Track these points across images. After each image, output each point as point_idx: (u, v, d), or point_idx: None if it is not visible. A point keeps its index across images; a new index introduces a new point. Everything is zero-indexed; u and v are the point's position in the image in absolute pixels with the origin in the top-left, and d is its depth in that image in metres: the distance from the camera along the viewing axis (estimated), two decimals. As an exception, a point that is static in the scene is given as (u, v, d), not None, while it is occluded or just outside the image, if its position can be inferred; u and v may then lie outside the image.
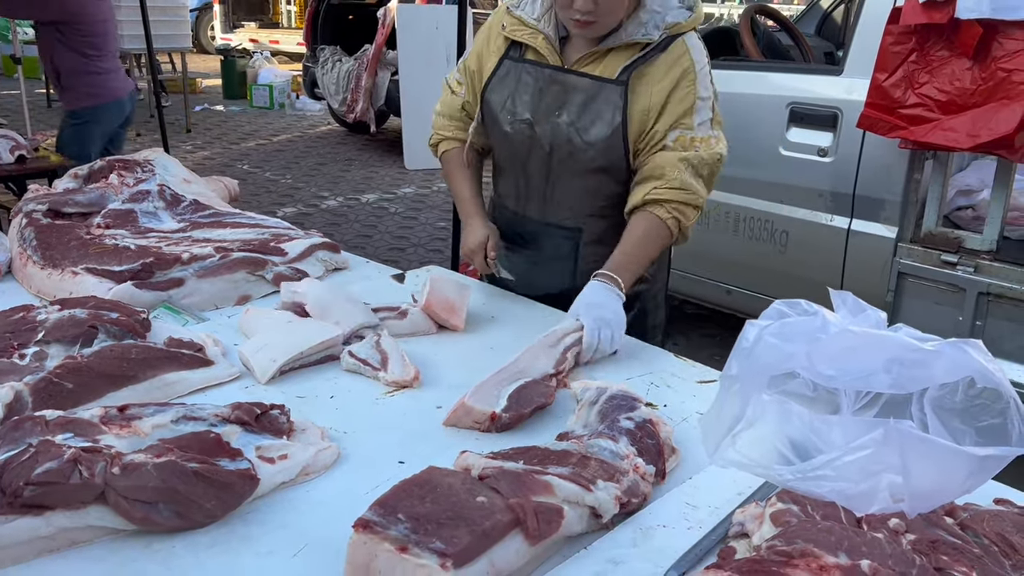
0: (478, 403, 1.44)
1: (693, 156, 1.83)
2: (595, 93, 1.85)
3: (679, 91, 1.82)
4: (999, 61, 2.56)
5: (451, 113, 2.11)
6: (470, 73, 2.05)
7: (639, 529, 1.16)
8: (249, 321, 1.74)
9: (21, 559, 1.07)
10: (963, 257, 2.91)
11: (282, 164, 8.47)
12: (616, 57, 1.85)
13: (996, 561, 0.99)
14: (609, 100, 1.84)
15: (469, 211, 2.07)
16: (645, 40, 1.82)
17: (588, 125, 1.87)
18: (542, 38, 1.90)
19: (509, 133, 1.96)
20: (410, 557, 0.99)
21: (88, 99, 4.48)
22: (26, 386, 1.31)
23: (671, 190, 1.82)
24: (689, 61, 1.83)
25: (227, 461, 1.19)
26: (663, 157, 1.83)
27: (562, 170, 1.94)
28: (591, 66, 1.87)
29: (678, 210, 1.83)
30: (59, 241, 2.05)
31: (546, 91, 1.90)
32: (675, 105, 1.83)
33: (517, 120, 1.94)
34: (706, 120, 1.85)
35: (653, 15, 1.83)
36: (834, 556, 0.95)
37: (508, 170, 2.06)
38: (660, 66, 1.83)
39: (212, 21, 16.28)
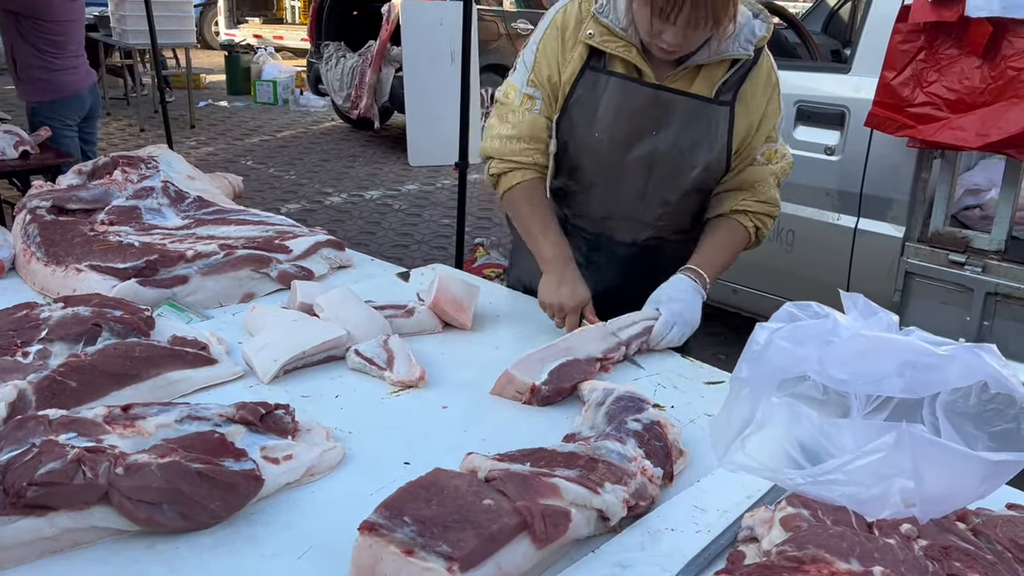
0: (521, 373, 1.52)
1: (778, 169, 1.87)
2: (696, 112, 1.78)
3: (771, 106, 1.83)
4: (1009, 60, 2.54)
5: (532, 134, 1.85)
6: (548, 82, 1.84)
7: (647, 532, 1.15)
8: (254, 319, 1.73)
9: (24, 560, 1.06)
10: (971, 257, 2.89)
11: (286, 160, 8.46)
12: (709, 73, 1.77)
13: (1009, 567, 0.98)
14: (713, 120, 1.79)
15: (560, 256, 1.84)
16: (741, 56, 1.75)
17: (691, 145, 1.80)
18: (636, 52, 1.75)
19: (599, 152, 1.83)
20: (416, 560, 0.98)
21: (43, 94, 4.50)
22: (29, 384, 1.30)
23: (760, 203, 1.86)
24: (775, 76, 1.84)
25: (231, 462, 1.18)
26: (755, 172, 1.85)
27: (658, 189, 1.86)
28: (682, 82, 1.77)
29: (760, 220, 1.87)
30: (63, 238, 2.04)
31: (645, 109, 1.77)
32: (768, 121, 1.84)
33: (609, 138, 1.81)
34: (779, 129, 1.89)
35: (741, 28, 1.74)
36: (846, 562, 0.94)
37: (591, 189, 1.91)
38: (757, 84, 1.81)
39: (216, 16, 16.25)
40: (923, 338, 1.13)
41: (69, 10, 4.50)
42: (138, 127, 9.35)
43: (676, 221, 1.93)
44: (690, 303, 1.75)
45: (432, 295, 1.80)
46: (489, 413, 1.49)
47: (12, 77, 4.64)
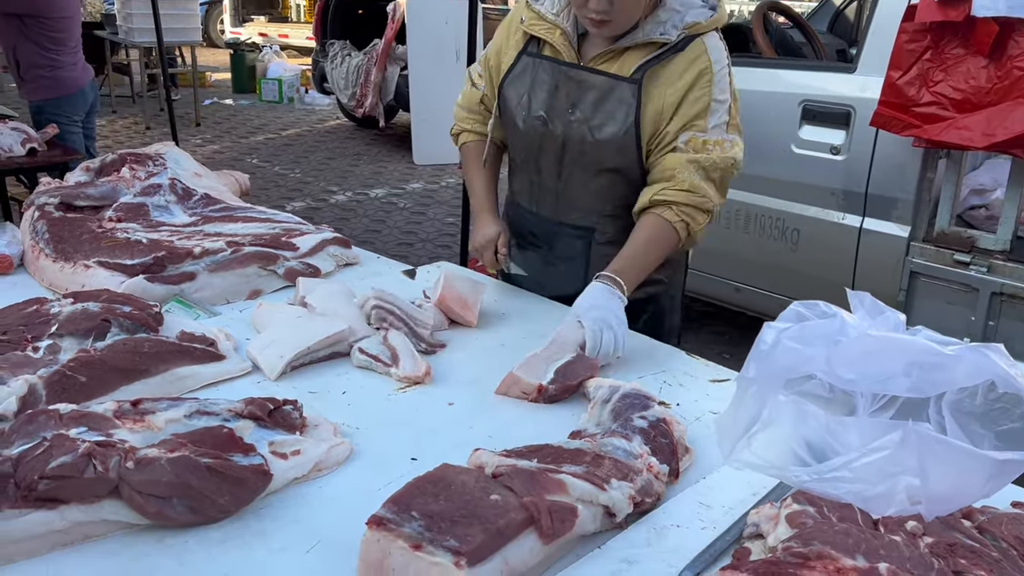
0: (526, 375, 1.54)
1: (704, 159, 1.79)
2: (609, 91, 1.82)
3: (694, 92, 1.78)
4: (1015, 59, 2.54)
5: (470, 106, 2.11)
6: (489, 67, 2.04)
7: (653, 529, 1.16)
8: (261, 316, 1.74)
9: (35, 553, 1.07)
10: (976, 257, 2.89)
11: (291, 158, 8.47)
12: (633, 55, 1.81)
13: (1015, 565, 0.99)
14: (622, 99, 1.81)
15: (480, 206, 2.07)
16: (663, 40, 1.78)
17: (601, 123, 1.83)
18: (559, 33, 1.86)
19: (523, 129, 1.94)
20: (424, 555, 0.99)
21: (47, 92, 4.55)
22: (40, 379, 1.32)
23: (680, 192, 1.79)
24: (707, 62, 1.79)
25: (240, 456, 1.18)
26: (673, 159, 1.79)
27: (575, 168, 1.92)
28: (607, 64, 1.83)
29: (686, 213, 1.80)
30: (71, 234, 2.05)
31: (561, 88, 1.87)
32: (688, 107, 1.78)
33: (531, 116, 1.92)
34: (721, 123, 1.81)
35: (673, 14, 1.79)
36: (851, 558, 0.94)
37: (522, 167, 2.04)
38: (676, 67, 1.79)
39: (221, 15, 16.28)
40: (930, 338, 1.14)
41: (67, 6, 4.56)
42: (144, 125, 9.37)
43: (600, 204, 1.94)
44: (608, 307, 1.68)
45: (438, 292, 1.81)
46: (495, 410, 1.49)
47: (15, 78, 4.68)
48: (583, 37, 1.87)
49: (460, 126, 2.14)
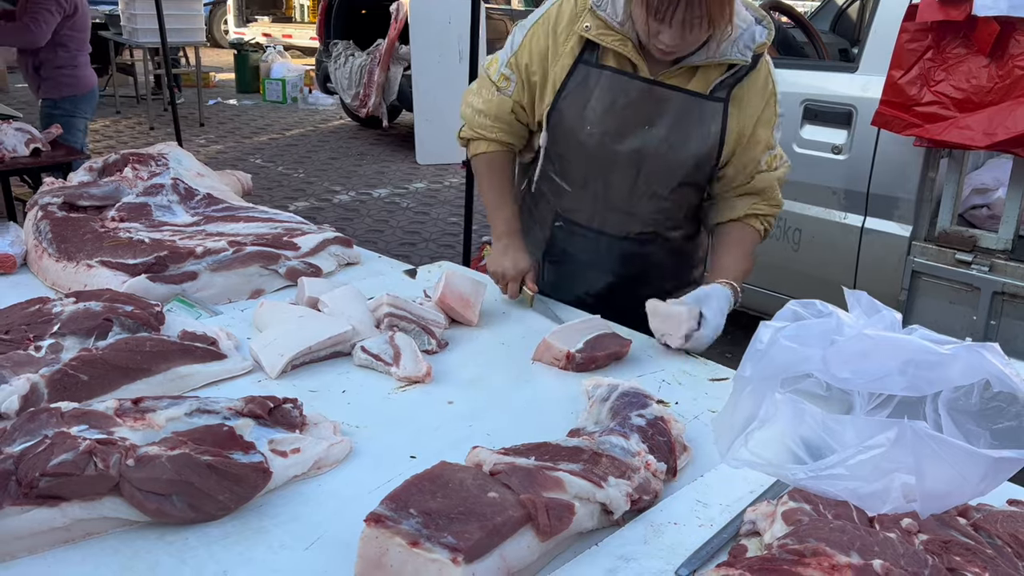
0: (558, 341, 1.65)
1: (780, 176, 1.92)
2: (690, 108, 1.80)
3: (767, 113, 1.86)
4: (1016, 59, 2.53)
5: (498, 114, 1.94)
6: (525, 71, 1.88)
7: (650, 526, 1.16)
8: (263, 315, 1.74)
9: (36, 549, 1.08)
10: (978, 256, 2.88)
11: (295, 158, 8.48)
12: (706, 74, 1.79)
13: (1009, 562, 0.99)
14: (706, 116, 1.81)
15: (508, 231, 1.98)
16: (740, 61, 1.77)
17: (683, 141, 1.82)
18: (631, 46, 1.76)
19: (588, 145, 1.85)
20: (421, 552, 1.00)
21: (68, 89, 4.71)
22: (42, 378, 1.33)
23: (771, 207, 1.93)
24: (773, 83, 1.86)
25: (240, 454, 1.19)
26: (764, 179, 1.89)
27: (651, 184, 1.88)
28: (678, 79, 1.79)
29: (768, 221, 1.94)
30: (74, 234, 2.06)
31: (638, 102, 1.79)
32: (764, 127, 1.86)
33: (600, 132, 1.83)
34: (778, 136, 1.92)
35: (741, 33, 1.76)
36: (846, 555, 0.95)
37: (583, 184, 1.93)
38: (753, 88, 1.83)
39: (225, 15, 16.31)
40: (926, 336, 1.14)
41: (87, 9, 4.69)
42: (148, 125, 9.39)
43: (669, 216, 1.96)
44: (723, 310, 1.77)
45: (439, 292, 1.81)
46: (495, 408, 1.50)
47: (30, 78, 4.76)
48: (646, 50, 1.78)
49: (478, 133, 1.98)
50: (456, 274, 1.87)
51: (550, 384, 1.60)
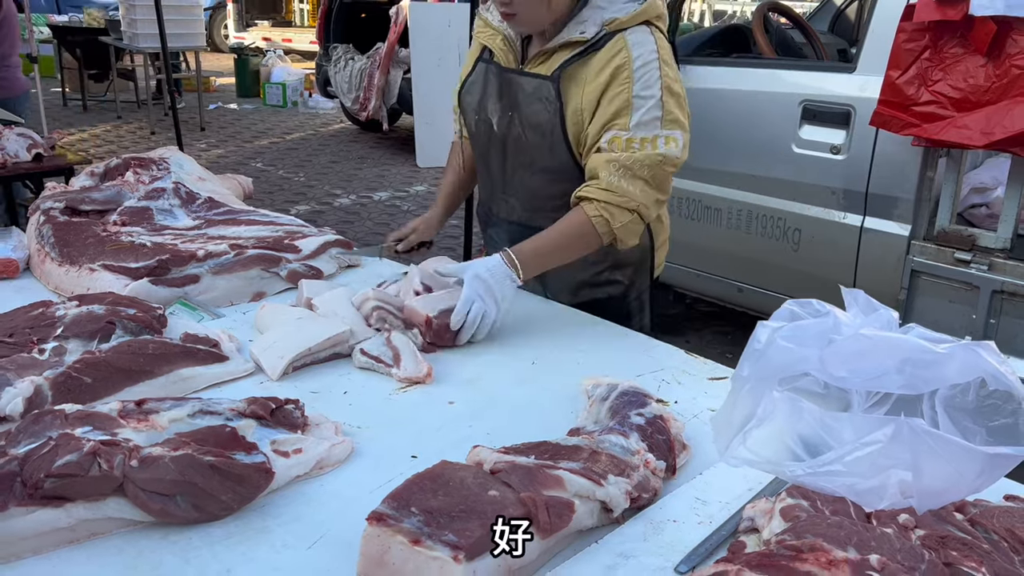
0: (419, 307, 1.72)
1: (626, 158, 1.76)
2: (534, 91, 1.86)
3: (611, 90, 1.77)
4: (1013, 58, 2.55)
5: (455, 105, 2.16)
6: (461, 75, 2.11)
7: (649, 523, 1.17)
8: (263, 317, 1.76)
9: (41, 550, 1.09)
10: (977, 255, 2.90)
11: (295, 162, 8.51)
12: (560, 56, 1.83)
13: (1006, 556, 1.00)
14: (545, 98, 1.84)
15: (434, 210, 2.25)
16: (581, 38, 1.79)
17: (531, 123, 1.88)
18: (500, 39, 1.94)
19: (474, 132, 2.04)
20: (423, 550, 1.01)
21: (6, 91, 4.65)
22: (46, 380, 1.34)
23: (599, 190, 1.79)
24: (625, 58, 1.76)
25: (243, 455, 1.20)
26: (595, 159, 1.81)
27: (516, 167, 1.98)
28: (540, 66, 1.87)
29: (605, 209, 1.78)
30: (76, 238, 2.08)
31: (503, 91, 1.93)
32: (606, 105, 1.77)
33: (480, 120, 2.00)
34: (651, 119, 1.76)
35: (595, 12, 1.79)
36: (843, 550, 0.95)
37: (479, 168, 2.14)
38: (593, 66, 1.78)
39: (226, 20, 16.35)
40: (922, 335, 1.15)
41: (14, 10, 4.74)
42: (148, 130, 9.42)
43: (541, 202, 1.98)
44: (496, 284, 1.73)
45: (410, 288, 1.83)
46: (495, 408, 1.51)
47: None
48: (528, 42, 1.93)
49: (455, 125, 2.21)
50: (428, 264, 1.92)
51: (550, 384, 1.61)
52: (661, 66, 1.78)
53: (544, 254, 1.82)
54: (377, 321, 1.74)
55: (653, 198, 1.82)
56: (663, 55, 1.79)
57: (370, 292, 1.79)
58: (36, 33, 7.94)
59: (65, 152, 4.05)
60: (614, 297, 2.06)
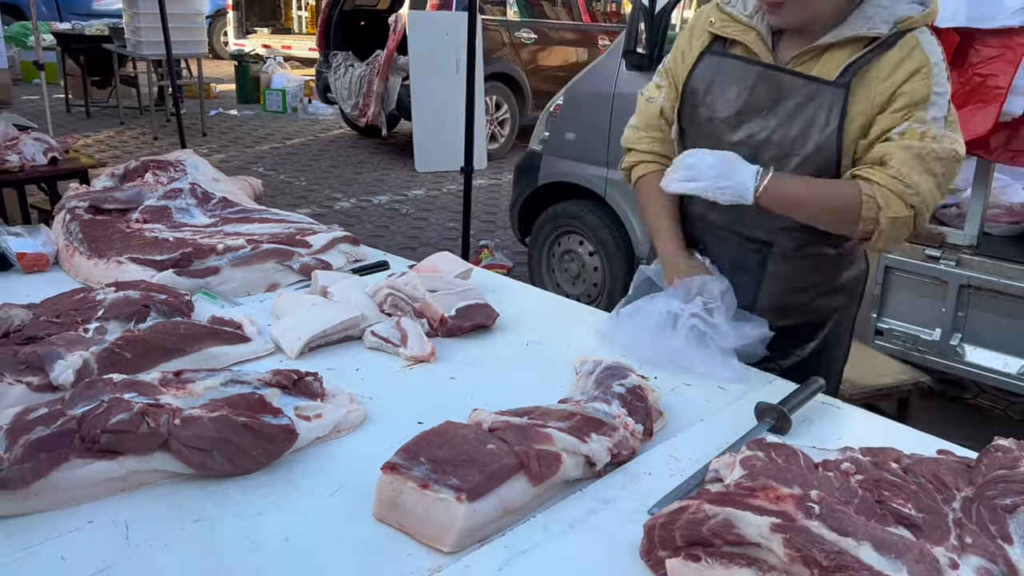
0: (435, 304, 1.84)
1: (922, 147, 1.61)
2: (810, 95, 1.70)
3: (909, 84, 1.63)
4: (975, 67, 2.72)
5: (648, 122, 1.97)
6: (671, 74, 1.93)
7: (628, 476, 1.34)
8: (281, 304, 1.92)
9: (97, 496, 1.24)
10: (946, 251, 3.07)
11: (296, 167, 8.67)
12: (836, 55, 1.69)
13: (930, 495, 1.16)
14: (825, 104, 1.68)
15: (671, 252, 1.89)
16: (871, 34, 1.65)
17: (800, 129, 1.71)
18: (754, 34, 1.77)
19: (707, 130, 1.83)
20: (431, 492, 1.17)
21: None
22: (92, 355, 1.50)
23: (885, 175, 1.63)
24: (923, 57, 1.63)
25: (270, 417, 1.36)
26: (884, 146, 1.64)
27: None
28: (807, 65, 1.72)
29: (883, 195, 1.62)
30: (103, 234, 2.23)
31: (755, 89, 1.76)
32: (905, 97, 1.63)
33: (718, 117, 1.81)
34: (940, 117, 1.65)
35: (880, 9, 1.67)
36: (789, 488, 1.12)
37: None
38: (887, 63, 1.65)
39: (225, 27, 16.50)
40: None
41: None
42: (151, 135, 9.57)
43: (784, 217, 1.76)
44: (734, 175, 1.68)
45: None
46: (492, 383, 1.67)
47: None
48: (778, 39, 1.77)
49: (635, 153, 1.99)
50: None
51: (544, 363, 1.77)
52: (945, 68, 1.68)
53: (795, 199, 1.69)
54: (390, 307, 1.89)
55: (936, 199, 1.65)
56: (943, 59, 1.69)
57: (384, 281, 1.95)
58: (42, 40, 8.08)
59: (79, 156, 4.21)
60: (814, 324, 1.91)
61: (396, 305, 1.89)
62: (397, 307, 1.89)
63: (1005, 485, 1.16)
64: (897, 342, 3.19)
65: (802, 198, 1.69)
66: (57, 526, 1.18)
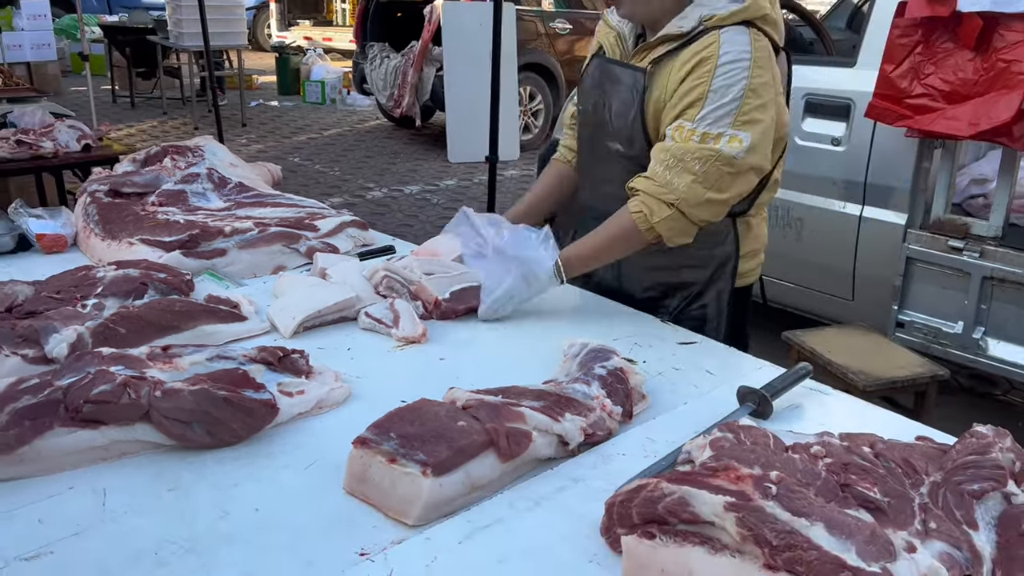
0: (430, 286, 1.87)
1: (677, 147, 1.74)
2: (626, 80, 1.89)
3: (688, 82, 1.75)
4: (999, 52, 2.65)
5: (565, 121, 2.27)
6: None
7: (600, 456, 1.34)
8: (280, 285, 1.95)
9: (80, 464, 1.28)
10: (969, 243, 3.00)
11: (331, 157, 8.76)
12: (660, 50, 1.84)
13: (898, 480, 1.15)
14: (631, 87, 1.86)
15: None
16: (677, 32, 1.79)
17: (616, 111, 1.91)
18: (614, 35, 1.98)
19: (580, 122, 2.11)
20: (397, 467, 1.19)
21: None
22: (87, 329, 1.54)
23: (643, 179, 1.80)
24: (711, 53, 1.73)
25: (252, 392, 1.39)
26: (654, 148, 1.82)
27: (601, 154, 2.00)
28: (639, 58, 1.89)
29: (645, 204, 1.78)
30: (118, 216, 2.29)
31: (602, 80, 1.97)
32: (682, 97, 1.76)
33: (582, 109, 2.08)
34: (723, 115, 1.72)
35: (698, 9, 1.79)
36: (750, 468, 1.11)
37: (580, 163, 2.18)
38: (682, 58, 1.77)
39: (268, 19, 16.73)
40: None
41: None
42: (192, 126, 9.75)
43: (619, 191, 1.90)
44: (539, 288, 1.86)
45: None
46: (480, 364, 1.68)
47: None
48: (642, 38, 1.95)
49: (559, 147, 2.27)
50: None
51: (533, 346, 1.77)
52: (751, 66, 1.72)
53: (587, 257, 1.89)
54: (386, 289, 1.92)
55: (700, 195, 1.74)
56: (757, 56, 1.74)
57: (381, 263, 1.97)
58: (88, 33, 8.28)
59: (111, 143, 4.31)
60: (690, 294, 2.02)
61: (392, 287, 1.91)
62: (393, 289, 1.91)
63: (975, 471, 1.13)
64: (918, 335, 3.13)
65: (595, 252, 1.89)
66: (39, 491, 1.22)
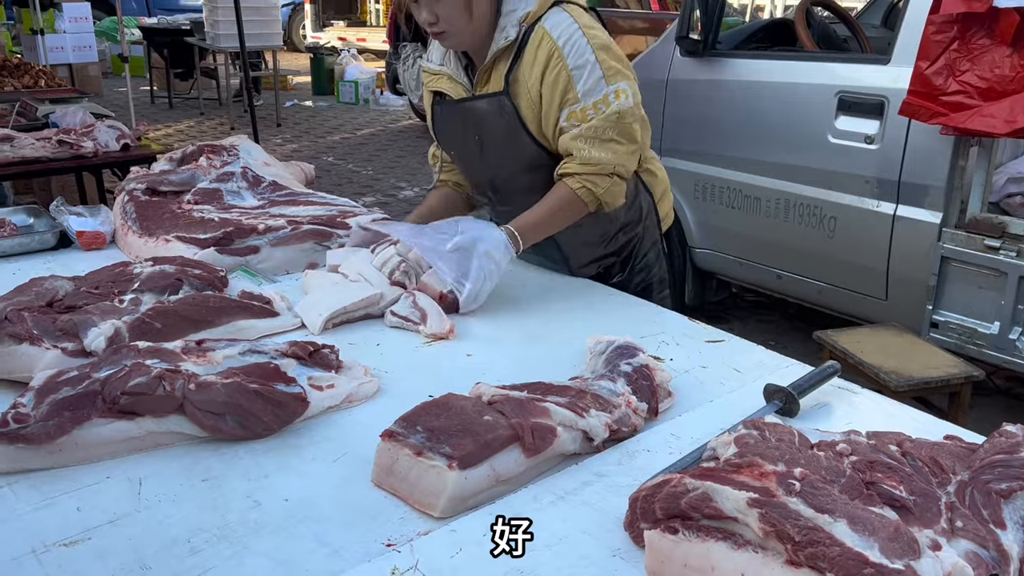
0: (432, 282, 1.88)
1: (587, 128, 1.87)
2: (491, 109, 1.96)
3: (549, 75, 1.86)
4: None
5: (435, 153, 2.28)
6: None
7: (626, 452, 1.35)
8: (308, 281, 1.98)
9: (117, 454, 1.32)
10: (1006, 242, 2.95)
11: (364, 157, 8.84)
12: (499, 69, 1.94)
13: (924, 478, 1.14)
14: (501, 112, 1.94)
15: None
16: (507, 43, 1.88)
17: (497, 139, 1.98)
18: (445, 79, 2.04)
19: (461, 169, 2.18)
20: (424, 460, 1.21)
21: None
22: (124, 324, 1.58)
23: (576, 165, 1.92)
24: (550, 45, 1.86)
25: (283, 385, 1.42)
26: (563, 140, 1.92)
27: (509, 182, 2.09)
28: (487, 86, 1.97)
29: (588, 180, 1.91)
30: (155, 214, 2.34)
31: (464, 121, 2.03)
32: (550, 89, 1.88)
33: (457, 156, 2.13)
34: (595, 81, 1.86)
35: (511, 15, 1.88)
36: (774, 465, 1.11)
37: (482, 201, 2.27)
38: (526, 62, 1.88)
39: (304, 20, 16.90)
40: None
41: None
42: (229, 126, 9.89)
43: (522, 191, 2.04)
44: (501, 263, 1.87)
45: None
46: (507, 361, 1.70)
47: None
48: (470, 68, 2.02)
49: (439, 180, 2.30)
50: None
51: (560, 342, 1.78)
52: (584, 31, 1.87)
53: (539, 224, 1.95)
54: (401, 275, 1.92)
55: (626, 154, 1.92)
56: (582, 22, 1.88)
57: (390, 250, 1.96)
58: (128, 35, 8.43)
59: (149, 143, 4.39)
60: (630, 255, 2.17)
61: (407, 272, 1.91)
62: (407, 275, 1.91)
63: (1003, 469, 1.13)
64: (953, 335, 3.09)
65: (545, 222, 1.95)
66: (77, 480, 1.26)
